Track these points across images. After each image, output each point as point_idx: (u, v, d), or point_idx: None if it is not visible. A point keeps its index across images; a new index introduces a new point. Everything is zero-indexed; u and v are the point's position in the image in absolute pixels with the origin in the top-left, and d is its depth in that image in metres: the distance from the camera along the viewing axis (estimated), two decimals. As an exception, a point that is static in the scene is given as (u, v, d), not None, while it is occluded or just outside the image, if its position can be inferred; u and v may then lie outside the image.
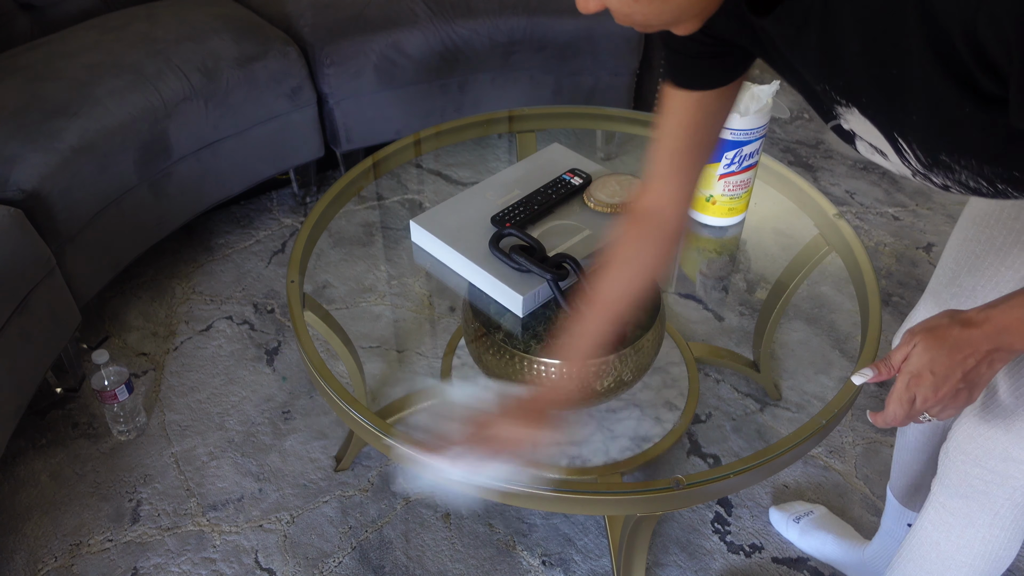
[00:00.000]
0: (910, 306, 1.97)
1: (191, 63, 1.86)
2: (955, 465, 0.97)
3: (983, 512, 0.97)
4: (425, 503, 1.55)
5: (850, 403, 1.15)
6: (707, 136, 0.87)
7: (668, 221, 0.92)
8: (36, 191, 1.57)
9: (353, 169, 1.53)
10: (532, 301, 1.22)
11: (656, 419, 1.35)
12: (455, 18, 2.09)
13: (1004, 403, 0.89)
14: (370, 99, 2.10)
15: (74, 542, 1.50)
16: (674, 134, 0.86)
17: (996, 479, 0.93)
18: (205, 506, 1.56)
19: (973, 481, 0.95)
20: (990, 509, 0.97)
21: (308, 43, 2.04)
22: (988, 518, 0.98)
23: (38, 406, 1.74)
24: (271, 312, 1.96)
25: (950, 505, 1.00)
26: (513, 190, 1.39)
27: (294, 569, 1.46)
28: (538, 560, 1.47)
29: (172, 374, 1.81)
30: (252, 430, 1.69)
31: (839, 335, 1.87)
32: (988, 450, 0.92)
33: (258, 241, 2.16)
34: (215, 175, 1.98)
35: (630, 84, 2.32)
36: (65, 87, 1.73)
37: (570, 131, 2.44)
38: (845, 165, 2.45)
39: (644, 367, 1.25)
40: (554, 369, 1.17)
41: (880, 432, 1.69)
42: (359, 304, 1.94)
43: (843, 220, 1.43)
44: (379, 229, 2.18)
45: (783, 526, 1.50)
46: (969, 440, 0.94)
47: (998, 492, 0.95)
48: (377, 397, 1.72)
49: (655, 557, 1.47)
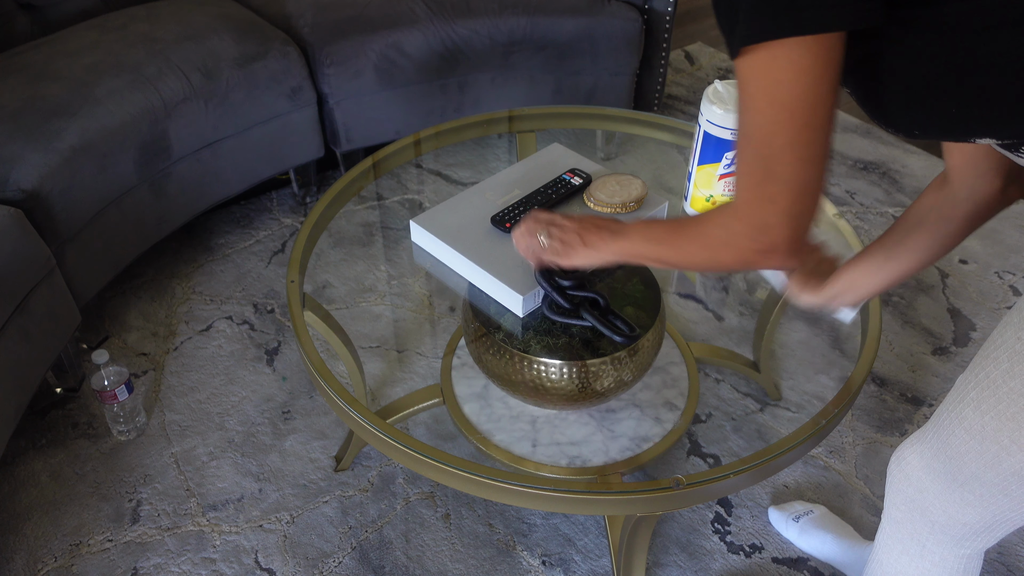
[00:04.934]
0: (910, 306, 1.97)
1: (191, 63, 1.86)
2: (892, 479, 1.00)
3: (921, 534, 1.00)
4: (425, 503, 1.56)
5: (850, 403, 1.15)
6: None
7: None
8: (36, 191, 1.57)
9: (353, 169, 1.53)
10: (532, 301, 1.22)
11: (656, 419, 1.35)
12: (455, 18, 2.09)
13: (964, 469, 0.89)
14: (370, 99, 2.10)
15: (74, 542, 1.50)
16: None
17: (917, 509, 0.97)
18: (205, 506, 1.56)
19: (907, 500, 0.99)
20: (921, 535, 0.99)
21: (308, 43, 2.04)
22: (917, 548, 1.00)
23: (38, 406, 1.74)
24: (271, 312, 1.96)
25: (893, 515, 1.03)
26: (513, 190, 1.39)
27: (294, 569, 1.46)
28: (538, 560, 1.47)
29: (172, 374, 1.81)
30: (252, 430, 1.69)
31: (839, 335, 1.87)
32: (923, 487, 0.95)
33: (258, 241, 2.16)
34: (215, 175, 1.98)
35: (630, 84, 2.32)
36: (65, 87, 1.73)
37: (570, 131, 2.44)
38: (845, 165, 2.45)
39: (644, 367, 1.25)
40: (554, 369, 1.17)
41: (880, 432, 1.69)
42: (359, 304, 1.94)
43: (843, 220, 1.43)
44: (379, 229, 2.18)
45: (782, 526, 1.50)
46: (911, 465, 0.97)
47: (920, 520, 0.98)
48: (377, 397, 1.72)
49: (655, 557, 1.47)
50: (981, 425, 0.83)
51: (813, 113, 0.69)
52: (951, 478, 0.90)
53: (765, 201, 0.73)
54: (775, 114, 0.69)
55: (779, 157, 0.71)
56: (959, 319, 1.95)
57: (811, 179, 0.72)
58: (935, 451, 0.91)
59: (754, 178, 0.73)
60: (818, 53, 0.66)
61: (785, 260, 0.77)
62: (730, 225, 0.79)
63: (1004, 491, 0.85)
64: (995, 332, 0.83)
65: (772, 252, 0.76)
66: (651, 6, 2.25)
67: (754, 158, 0.72)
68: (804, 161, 0.71)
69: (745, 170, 0.74)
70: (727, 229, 0.79)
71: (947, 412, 0.89)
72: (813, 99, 0.68)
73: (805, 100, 0.68)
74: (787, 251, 0.75)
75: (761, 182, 0.73)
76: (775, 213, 0.73)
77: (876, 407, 1.74)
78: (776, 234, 0.74)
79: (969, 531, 0.93)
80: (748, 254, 0.78)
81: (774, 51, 0.67)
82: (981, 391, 0.83)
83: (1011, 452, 0.81)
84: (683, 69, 2.96)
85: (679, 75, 2.92)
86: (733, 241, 0.79)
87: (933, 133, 0.76)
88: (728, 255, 0.80)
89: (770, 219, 0.74)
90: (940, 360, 1.84)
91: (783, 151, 0.70)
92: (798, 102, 0.68)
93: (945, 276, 2.07)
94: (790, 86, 0.68)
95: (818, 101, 0.69)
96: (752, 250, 0.77)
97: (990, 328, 1.92)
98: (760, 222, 0.75)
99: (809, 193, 0.72)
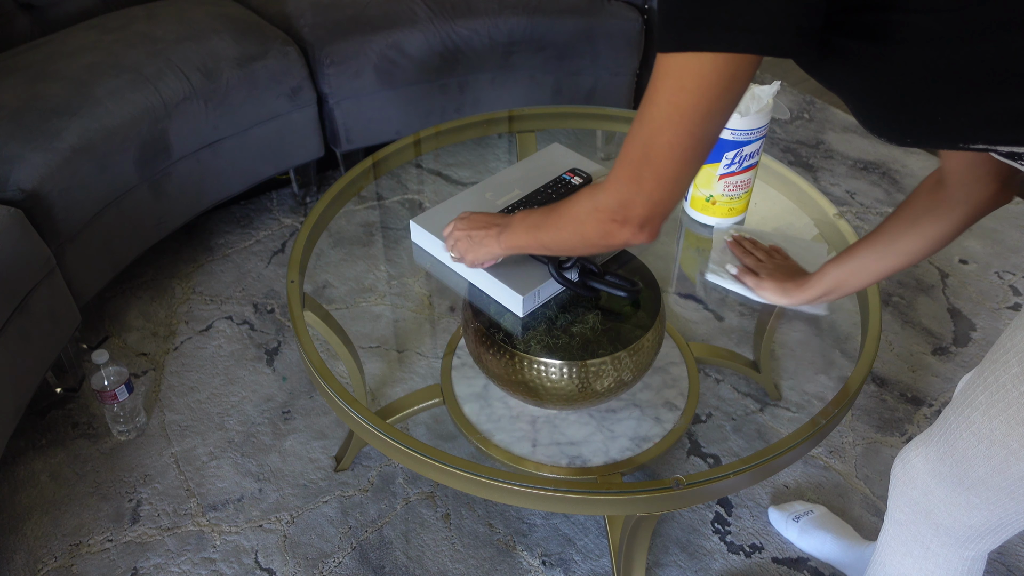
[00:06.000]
0: (910, 306, 1.97)
1: (191, 63, 1.86)
2: (896, 481, 1.00)
3: (925, 536, 0.99)
4: (425, 503, 1.56)
5: (850, 403, 1.15)
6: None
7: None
8: (36, 191, 1.57)
9: (353, 169, 1.53)
10: (532, 301, 1.22)
11: (656, 419, 1.35)
12: (455, 18, 2.09)
13: (971, 473, 0.89)
14: (370, 99, 2.10)
15: (74, 542, 1.50)
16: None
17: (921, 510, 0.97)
18: (205, 506, 1.56)
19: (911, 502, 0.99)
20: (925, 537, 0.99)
21: (308, 43, 2.04)
22: (921, 550, 1.00)
23: (38, 406, 1.74)
24: (271, 312, 1.96)
25: (897, 517, 1.02)
26: (513, 190, 1.39)
27: (294, 569, 1.46)
28: (538, 560, 1.47)
29: (172, 374, 1.81)
30: (252, 430, 1.69)
31: (839, 335, 1.87)
32: (928, 490, 0.95)
33: (258, 241, 2.16)
34: (215, 175, 1.98)
35: (630, 84, 2.32)
36: (65, 87, 1.73)
37: (570, 131, 2.44)
38: (845, 165, 2.45)
39: (644, 367, 1.25)
40: (554, 369, 1.17)
41: (880, 432, 1.69)
42: (359, 304, 1.94)
43: (843, 220, 1.43)
44: (379, 229, 2.18)
45: (782, 526, 1.50)
46: (916, 468, 0.97)
47: (924, 522, 0.97)
48: (377, 397, 1.72)
49: (655, 557, 1.47)
50: (990, 429, 0.83)
51: (703, 123, 0.74)
52: (957, 481, 0.90)
53: (633, 181, 0.81)
54: (670, 114, 0.74)
55: (659, 150, 0.77)
56: (959, 319, 1.95)
57: (680, 176, 0.79)
58: (941, 454, 0.91)
59: (632, 159, 0.80)
60: (725, 71, 0.70)
61: (634, 235, 0.85)
62: (597, 197, 0.87)
63: (1011, 495, 0.85)
64: (1004, 336, 0.83)
65: (624, 223, 0.84)
66: (651, 6, 2.25)
67: (638, 142, 0.78)
68: (679, 162, 0.77)
69: (627, 150, 0.80)
70: (594, 201, 0.87)
71: (954, 415, 0.89)
72: (707, 112, 0.73)
73: (699, 111, 0.73)
74: (637, 227, 0.84)
75: (636, 164, 0.79)
76: (638, 193, 0.81)
77: (876, 407, 1.74)
78: (632, 211, 0.83)
79: (973, 534, 0.93)
80: (606, 224, 0.86)
81: (687, 59, 0.71)
82: (990, 395, 0.83)
83: (1020, 457, 0.81)
84: (683, 69, 2.95)
85: (679, 75, 2.91)
86: (596, 213, 0.87)
87: (924, 141, 0.77)
88: (591, 227, 0.88)
89: (633, 197, 0.82)
90: (940, 360, 1.84)
91: (665, 147, 0.76)
92: (693, 111, 0.73)
93: (945, 276, 2.07)
94: (690, 95, 0.72)
95: (711, 115, 0.74)
96: (609, 219, 0.85)
97: (990, 328, 1.92)
98: (624, 198, 0.82)
99: (674, 186, 0.80)
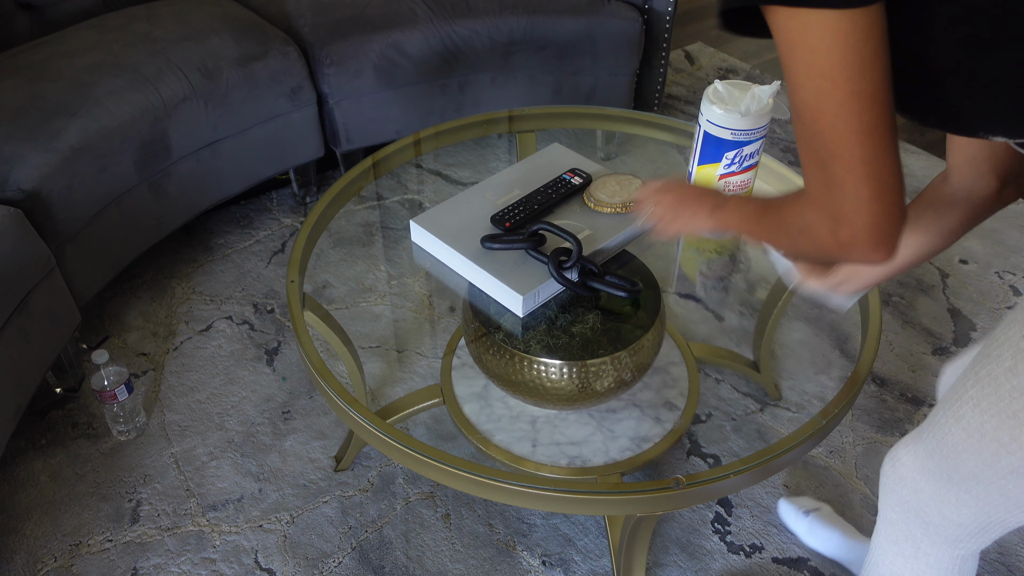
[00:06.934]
0: (910, 306, 1.97)
1: (191, 63, 1.86)
2: (886, 480, 1.00)
3: (915, 535, 0.99)
4: (425, 503, 1.56)
5: (850, 403, 1.15)
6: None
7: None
8: (36, 191, 1.57)
9: (353, 169, 1.53)
10: (532, 301, 1.22)
11: (656, 419, 1.35)
12: (455, 18, 2.09)
13: (961, 468, 0.88)
14: (370, 99, 2.10)
15: (74, 542, 1.50)
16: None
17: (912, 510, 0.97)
18: (205, 506, 1.56)
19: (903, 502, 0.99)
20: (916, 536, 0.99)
21: (308, 43, 2.04)
22: (912, 549, 1.00)
23: (38, 406, 1.74)
24: (271, 312, 1.96)
25: (888, 516, 1.03)
26: (513, 190, 1.39)
27: (294, 569, 1.46)
28: (538, 560, 1.47)
29: (172, 374, 1.81)
30: (252, 430, 1.69)
31: (839, 335, 1.87)
32: (917, 488, 0.95)
33: (258, 241, 2.16)
34: (215, 175, 1.98)
35: (630, 84, 2.32)
36: (65, 87, 1.73)
37: (570, 131, 2.44)
38: (845, 165, 2.45)
39: (644, 367, 1.25)
40: (554, 369, 1.17)
41: (880, 432, 1.69)
42: (359, 304, 1.94)
43: (843, 220, 1.43)
44: (379, 229, 2.18)
45: (792, 518, 1.50)
46: (905, 466, 0.97)
47: (915, 521, 0.97)
48: (377, 397, 1.72)
49: (655, 557, 1.47)
50: (980, 423, 0.83)
51: (860, 79, 0.61)
52: (946, 477, 0.90)
53: (831, 185, 0.65)
54: (819, 86, 0.62)
55: (830, 134, 0.63)
56: (959, 319, 1.95)
57: (875, 155, 0.63)
58: (930, 451, 0.91)
59: (814, 160, 0.66)
60: (856, 20, 0.60)
61: (871, 253, 0.67)
62: (804, 213, 0.71)
63: (1001, 490, 0.85)
64: (997, 330, 0.83)
65: (853, 244, 0.67)
66: (651, 6, 2.25)
67: (805, 138, 0.66)
68: (860, 134, 0.63)
69: (805, 154, 0.67)
70: (802, 218, 0.72)
71: (943, 411, 0.89)
72: (858, 65, 0.61)
73: (848, 67, 0.61)
74: (870, 242, 0.66)
75: (822, 163, 0.65)
76: (844, 198, 0.65)
77: (876, 407, 1.74)
78: (853, 222, 0.66)
79: (964, 532, 0.93)
80: (828, 246, 0.70)
81: (806, 18, 0.60)
82: (981, 388, 0.83)
83: (1011, 450, 0.81)
84: (683, 69, 2.96)
85: (679, 75, 2.92)
86: (809, 231, 0.71)
87: (947, 125, 0.76)
88: (807, 245, 0.73)
89: (842, 205, 0.66)
90: (940, 360, 1.84)
91: (833, 126, 0.63)
92: (839, 69, 0.61)
93: (945, 276, 2.07)
94: (828, 54, 0.61)
95: (864, 67, 0.61)
96: (831, 242, 0.69)
97: (990, 328, 1.92)
98: (832, 209, 0.66)
99: (878, 171, 0.64)
